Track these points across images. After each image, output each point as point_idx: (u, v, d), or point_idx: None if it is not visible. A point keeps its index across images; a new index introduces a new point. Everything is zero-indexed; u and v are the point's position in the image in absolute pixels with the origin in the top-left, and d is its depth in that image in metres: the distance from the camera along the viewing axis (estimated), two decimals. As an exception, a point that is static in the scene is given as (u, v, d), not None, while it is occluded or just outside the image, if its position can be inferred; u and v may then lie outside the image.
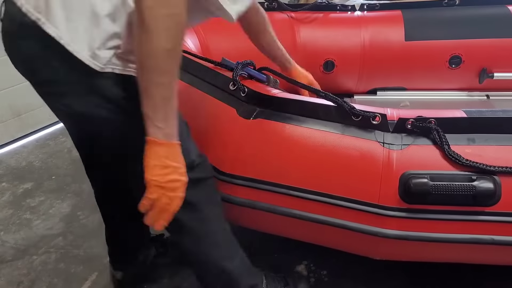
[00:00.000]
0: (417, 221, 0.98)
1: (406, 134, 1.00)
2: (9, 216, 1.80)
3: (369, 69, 1.74)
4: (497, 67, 1.70)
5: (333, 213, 1.02)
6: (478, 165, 0.93)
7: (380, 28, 1.71)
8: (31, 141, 2.32)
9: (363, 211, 0.99)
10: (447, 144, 0.96)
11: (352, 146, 1.00)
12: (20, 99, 2.20)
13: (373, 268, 1.36)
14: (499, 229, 0.96)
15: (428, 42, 1.68)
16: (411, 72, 1.76)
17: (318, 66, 1.72)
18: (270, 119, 1.06)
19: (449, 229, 0.98)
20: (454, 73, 1.72)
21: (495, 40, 1.66)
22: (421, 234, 0.98)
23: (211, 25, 1.59)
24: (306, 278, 1.38)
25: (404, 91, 1.82)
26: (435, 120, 0.98)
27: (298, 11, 1.72)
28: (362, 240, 1.04)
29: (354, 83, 1.80)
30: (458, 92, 1.81)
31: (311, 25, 1.72)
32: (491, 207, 0.95)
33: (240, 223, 1.29)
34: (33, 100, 2.24)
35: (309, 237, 1.19)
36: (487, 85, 1.74)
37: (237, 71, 1.14)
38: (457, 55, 1.68)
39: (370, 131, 1.01)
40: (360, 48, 1.70)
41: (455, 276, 1.36)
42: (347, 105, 1.02)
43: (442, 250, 1.04)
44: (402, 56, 1.70)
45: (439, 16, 1.72)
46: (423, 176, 0.94)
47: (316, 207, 1.02)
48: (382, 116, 1.00)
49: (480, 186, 0.92)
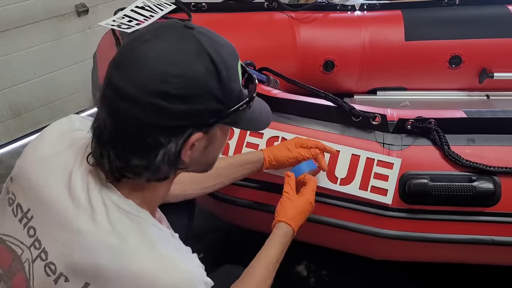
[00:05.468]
0: (417, 221, 0.98)
1: (406, 135, 1.00)
2: (9, 216, 1.80)
3: (369, 69, 1.74)
4: (497, 67, 1.70)
5: (333, 213, 1.02)
6: (478, 165, 0.93)
7: (380, 28, 1.71)
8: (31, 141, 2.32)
9: (363, 211, 0.99)
10: (447, 145, 0.96)
11: (352, 146, 1.00)
12: (20, 99, 2.20)
13: (373, 269, 1.36)
14: (499, 229, 0.96)
15: (428, 42, 1.68)
16: (411, 72, 1.75)
17: (318, 66, 1.72)
18: (270, 119, 1.06)
19: (449, 229, 0.98)
20: (454, 73, 1.72)
21: (495, 40, 1.66)
22: (421, 235, 0.98)
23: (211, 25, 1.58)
24: (306, 278, 1.38)
25: (404, 91, 1.81)
26: (435, 120, 0.98)
27: (298, 11, 1.71)
28: (362, 240, 1.04)
29: (354, 83, 1.80)
30: (458, 92, 1.81)
31: (311, 25, 1.72)
32: (491, 207, 0.95)
33: (241, 223, 1.29)
34: (33, 100, 2.24)
35: (309, 238, 1.19)
36: (487, 85, 1.74)
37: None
38: (457, 55, 1.67)
39: (370, 132, 1.01)
40: (360, 48, 1.70)
41: (455, 276, 1.36)
42: (347, 106, 1.02)
43: (442, 251, 1.04)
44: (402, 56, 1.70)
45: (439, 16, 1.72)
46: (423, 176, 0.94)
47: (316, 208, 1.02)
48: (382, 117, 1.00)
49: (480, 186, 0.93)
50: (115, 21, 1.38)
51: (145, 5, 1.52)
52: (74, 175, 0.60)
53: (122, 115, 0.53)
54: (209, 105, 0.55)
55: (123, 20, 1.39)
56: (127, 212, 0.58)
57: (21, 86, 2.17)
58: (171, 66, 0.52)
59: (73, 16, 2.23)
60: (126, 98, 0.52)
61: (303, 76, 1.64)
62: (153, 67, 0.52)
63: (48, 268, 0.59)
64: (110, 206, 0.58)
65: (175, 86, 0.52)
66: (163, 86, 0.52)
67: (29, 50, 2.13)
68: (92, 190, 0.59)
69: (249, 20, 1.65)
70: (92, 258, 0.56)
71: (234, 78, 0.58)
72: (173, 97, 0.52)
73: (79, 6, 2.21)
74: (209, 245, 1.50)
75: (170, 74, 0.52)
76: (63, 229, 0.58)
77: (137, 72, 0.52)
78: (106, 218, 0.57)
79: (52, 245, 0.60)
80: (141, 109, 0.52)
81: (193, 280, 0.58)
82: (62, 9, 2.17)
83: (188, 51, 0.54)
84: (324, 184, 1.00)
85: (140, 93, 0.52)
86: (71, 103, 2.41)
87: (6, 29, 2.00)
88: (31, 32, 2.10)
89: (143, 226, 0.58)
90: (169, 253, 0.58)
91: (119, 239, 0.56)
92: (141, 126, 0.53)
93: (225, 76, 0.56)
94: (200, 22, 1.54)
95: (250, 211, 1.09)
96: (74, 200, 0.59)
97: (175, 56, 0.53)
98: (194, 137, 0.56)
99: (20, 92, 2.18)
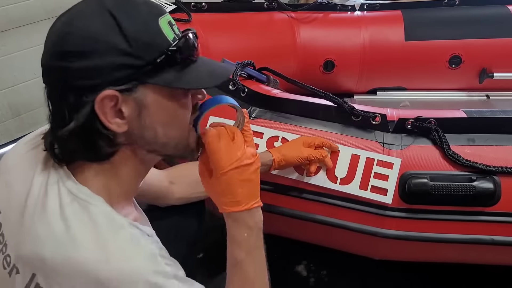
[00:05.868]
0: (417, 221, 0.98)
1: (406, 134, 1.00)
2: (9, 216, 1.80)
3: (369, 69, 1.74)
4: (497, 67, 1.70)
5: (333, 213, 1.02)
6: (478, 165, 0.93)
7: (380, 28, 1.71)
8: (31, 141, 2.31)
9: (363, 211, 0.99)
10: (447, 144, 0.96)
11: (352, 146, 1.00)
12: (20, 99, 2.20)
13: (373, 268, 1.36)
14: (499, 229, 0.96)
15: (428, 42, 1.68)
16: (411, 72, 1.75)
17: (318, 66, 1.72)
18: (270, 119, 1.06)
19: (449, 229, 0.98)
20: (454, 73, 1.72)
21: (495, 40, 1.66)
22: (421, 234, 0.98)
23: (211, 25, 1.59)
24: (305, 278, 1.38)
25: (404, 91, 1.82)
26: (435, 120, 0.98)
27: (298, 11, 1.72)
28: (362, 240, 1.04)
29: (354, 83, 1.80)
30: (458, 92, 1.81)
31: (311, 25, 1.72)
32: (491, 207, 0.95)
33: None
34: (32, 100, 2.24)
35: (309, 237, 1.19)
36: (487, 85, 1.74)
37: (237, 71, 1.14)
38: (457, 55, 1.68)
39: (370, 131, 1.01)
40: (360, 48, 1.70)
41: (455, 276, 1.36)
42: (347, 105, 1.02)
43: (442, 251, 1.04)
44: (402, 56, 1.70)
45: (439, 16, 1.72)
46: (423, 176, 0.94)
47: (316, 208, 1.02)
48: (382, 117, 1.00)
49: (480, 186, 0.92)
50: (115, 21, 1.38)
51: (145, 5, 1.52)
52: (38, 170, 0.61)
53: (46, 90, 0.57)
54: (114, 60, 0.53)
55: (123, 20, 1.39)
56: (79, 199, 0.56)
57: (21, 86, 2.17)
58: (68, 26, 0.54)
59: (73, 16, 2.23)
60: (43, 71, 0.57)
61: (303, 76, 1.64)
62: (55, 32, 0.56)
63: (5, 261, 0.59)
64: (63, 193, 0.57)
65: (71, 43, 0.53)
66: (61, 46, 0.54)
67: (29, 50, 2.13)
68: (50, 180, 0.59)
69: (249, 20, 1.65)
70: (36, 247, 0.55)
71: (148, 29, 0.55)
72: (71, 55, 0.53)
73: (79, 6, 2.22)
74: (209, 245, 1.50)
75: (67, 33, 0.54)
76: (19, 220, 0.58)
77: (46, 43, 0.57)
78: (58, 204, 0.56)
79: (9, 237, 0.60)
80: (50, 75, 0.56)
81: (141, 272, 0.53)
82: (62, 9, 2.11)
83: (88, 11, 0.55)
84: (324, 183, 1.00)
85: (46, 61, 0.56)
86: (71, 103, 2.41)
87: (5, 29, 2.00)
88: (31, 32, 2.09)
89: (94, 213, 0.55)
90: (117, 242, 0.54)
91: (64, 226, 0.54)
92: (55, 93, 0.56)
93: (130, 29, 0.53)
94: (200, 22, 1.55)
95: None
96: (32, 193, 0.59)
97: (74, 17, 0.55)
98: (104, 93, 0.53)
99: (20, 92, 2.18)
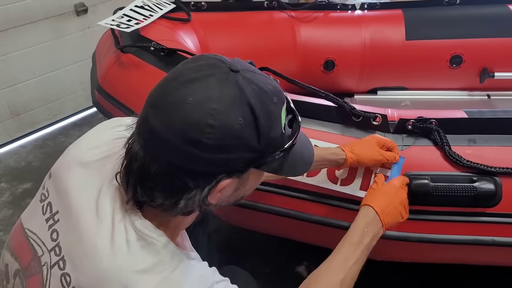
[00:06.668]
0: (418, 222, 0.97)
1: (407, 135, 1.00)
2: (9, 216, 1.80)
3: (369, 69, 1.74)
4: (498, 66, 1.69)
5: (334, 214, 1.01)
6: (479, 166, 0.93)
7: (380, 27, 1.70)
8: (30, 141, 2.31)
9: (364, 212, 0.98)
10: (448, 145, 0.95)
11: (352, 147, 0.99)
12: (19, 99, 2.19)
13: (374, 269, 1.35)
14: (500, 230, 0.96)
15: (428, 41, 1.68)
16: (412, 71, 1.75)
17: (318, 65, 1.72)
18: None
19: (449, 230, 0.97)
20: (455, 72, 1.71)
21: (496, 39, 1.65)
22: (422, 235, 0.98)
23: (211, 24, 1.58)
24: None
25: (405, 90, 1.81)
26: (436, 120, 0.98)
27: (298, 10, 1.71)
28: (363, 241, 1.03)
29: (354, 82, 1.79)
30: (459, 91, 1.80)
31: (311, 24, 1.71)
32: (492, 208, 0.94)
33: (241, 224, 1.29)
34: (32, 100, 2.24)
35: (309, 238, 1.18)
36: (488, 84, 1.73)
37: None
38: (458, 55, 1.67)
39: (370, 132, 1.01)
40: (360, 47, 1.69)
41: (455, 277, 1.36)
42: (347, 106, 1.01)
43: (443, 251, 1.04)
44: (403, 56, 1.69)
45: (440, 15, 1.72)
46: (424, 177, 0.94)
47: (316, 208, 1.02)
48: (383, 117, 1.00)
49: (481, 187, 0.92)
50: (114, 21, 1.37)
51: (145, 4, 1.52)
52: (104, 190, 0.61)
53: (154, 154, 0.53)
54: (243, 155, 0.54)
55: (122, 19, 1.39)
56: (147, 237, 0.58)
57: (20, 85, 2.17)
58: (208, 116, 0.51)
59: (72, 15, 2.23)
60: (159, 139, 0.52)
61: (304, 75, 1.64)
62: (190, 114, 0.51)
63: (64, 279, 0.59)
64: (129, 229, 0.58)
65: (209, 136, 0.51)
66: (198, 135, 0.51)
67: (28, 49, 2.13)
68: (118, 209, 0.59)
69: (249, 19, 1.65)
70: (100, 281, 0.56)
71: (275, 124, 0.56)
72: (206, 146, 0.51)
73: (78, 6, 2.21)
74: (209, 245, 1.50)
75: (206, 124, 0.51)
76: (82, 243, 0.59)
77: (173, 117, 0.51)
78: (125, 239, 0.57)
79: (70, 256, 0.60)
80: (173, 152, 0.52)
81: None
82: (61, 8, 2.16)
83: (228, 99, 0.52)
84: (324, 184, 0.99)
85: (173, 138, 0.51)
86: (70, 103, 2.41)
87: (5, 28, 2.00)
88: (30, 32, 2.09)
89: (161, 253, 0.58)
90: (179, 278, 0.57)
91: (131, 263, 0.56)
92: (171, 168, 0.53)
93: (264, 126, 0.54)
94: (200, 21, 1.55)
95: (253, 212, 1.08)
96: (99, 216, 0.59)
97: (213, 105, 0.51)
98: (223, 183, 0.55)
99: (19, 91, 2.18)
